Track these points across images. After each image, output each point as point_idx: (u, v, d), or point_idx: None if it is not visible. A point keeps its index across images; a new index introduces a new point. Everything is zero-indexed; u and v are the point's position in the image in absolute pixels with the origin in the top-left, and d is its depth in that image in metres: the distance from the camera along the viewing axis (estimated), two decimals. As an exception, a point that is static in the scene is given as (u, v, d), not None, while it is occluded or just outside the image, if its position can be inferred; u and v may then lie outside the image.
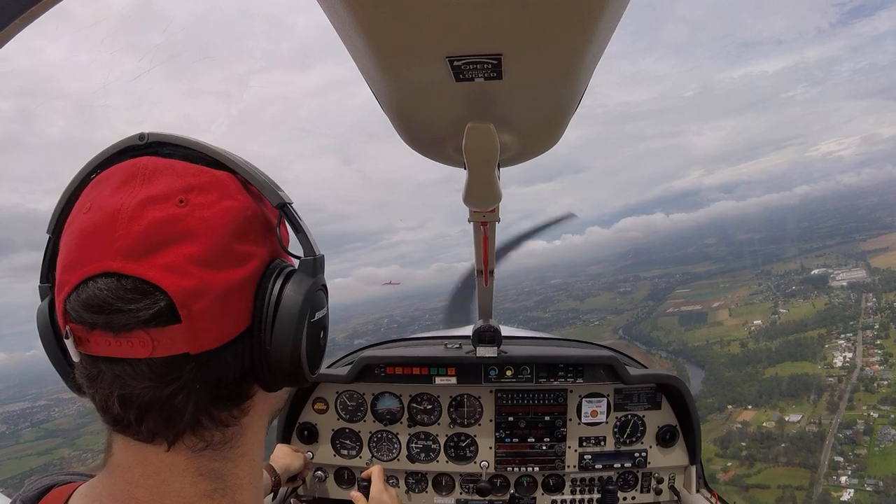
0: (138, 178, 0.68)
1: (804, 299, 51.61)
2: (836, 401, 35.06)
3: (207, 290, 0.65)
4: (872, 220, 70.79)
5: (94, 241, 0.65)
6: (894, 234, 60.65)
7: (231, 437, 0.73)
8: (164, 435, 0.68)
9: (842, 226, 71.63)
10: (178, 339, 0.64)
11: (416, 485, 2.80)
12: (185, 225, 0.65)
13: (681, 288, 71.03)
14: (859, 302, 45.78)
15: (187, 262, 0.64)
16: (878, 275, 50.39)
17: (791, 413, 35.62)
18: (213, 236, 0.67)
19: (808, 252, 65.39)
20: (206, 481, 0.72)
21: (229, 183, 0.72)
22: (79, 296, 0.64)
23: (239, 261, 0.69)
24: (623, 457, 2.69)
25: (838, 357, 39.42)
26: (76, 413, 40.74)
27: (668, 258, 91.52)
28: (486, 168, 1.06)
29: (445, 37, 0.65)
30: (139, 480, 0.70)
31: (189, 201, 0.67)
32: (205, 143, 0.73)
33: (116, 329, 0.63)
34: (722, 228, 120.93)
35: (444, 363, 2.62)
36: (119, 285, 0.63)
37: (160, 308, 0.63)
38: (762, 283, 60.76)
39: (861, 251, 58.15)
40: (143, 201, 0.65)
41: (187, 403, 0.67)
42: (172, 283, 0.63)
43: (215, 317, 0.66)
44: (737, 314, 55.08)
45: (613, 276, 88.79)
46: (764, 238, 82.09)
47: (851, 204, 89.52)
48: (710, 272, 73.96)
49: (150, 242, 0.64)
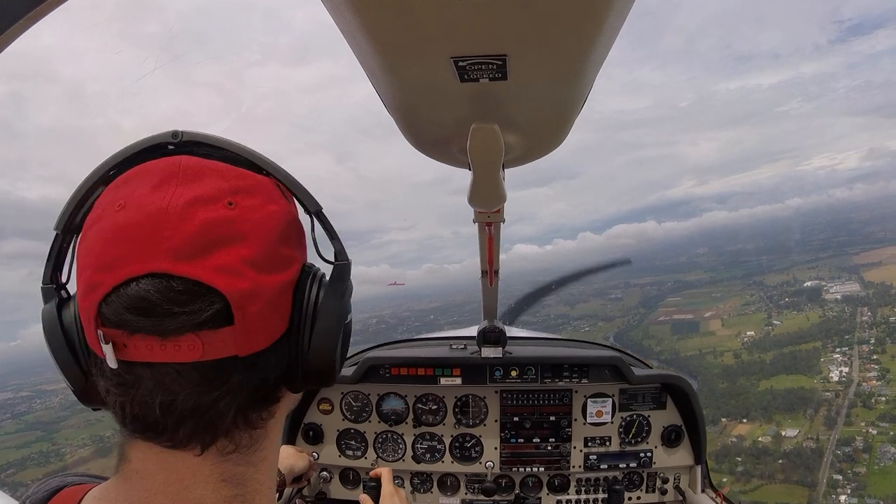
0: (179, 177, 0.66)
1: (798, 311, 51.08)
2: (834, 416, 34.24)
3: (261, 293, 0.65)
4: (865, 234, 70.76)
5: (138, 240, 0.61)
6: (887, 249, 60.68)
7: (257, 439, 0.73)
8: (201, 440, 0.66)
9: (834, 239, 71.72)
10: (229, 341, 0.63)
11: (421, 485, 2.79)
12: (237, 227, 0.65)
13: (672, 296, 70.47)
14: (854, 316, 45.24)
15: (242, 264, 0.63)
16: (871, 289, 50.02)
17: (787, 427, 34.71)
18: (262, 239, 0.67)
19: (800, 264, 65.24)
20: (228, 487, 0.71)
21: (271, 187, 0.73)
22: (120, 297, 0.61)
23: (284, 264, 0.70)
24: (628, 457, 2.69)
25: (834, 371, 38.70)
26: (58, 406, 39.48)
27: (659, 266, 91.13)
28: (491, 169, 1.06)
29: (450, 37, 0.65)
30: (160, 487, 0.68)
31: (238, 203, 0.66)
32: (242, 146, 0.73)
33: (165, 333, 0.60)
34: (713, 238, 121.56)
35: (450, 364, 2.63)
36: (169, 287, 0.60)
37: (215, 310, 0.62)
38: (754, 293, 60.26)
39: (854, 265, 57.98)
40: (191, 201, 0.63)
41: (230, 408, 0.66)
42: (228, 285, 0.62)
43: (265, 319, 0.66)
44: (729, 324, 54.44)
45: (604, 281, 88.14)
46: (756, 249, 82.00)
47: (844, 218, 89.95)
48: (701, 281, 73.51)
49: (202, 243, 0.62)
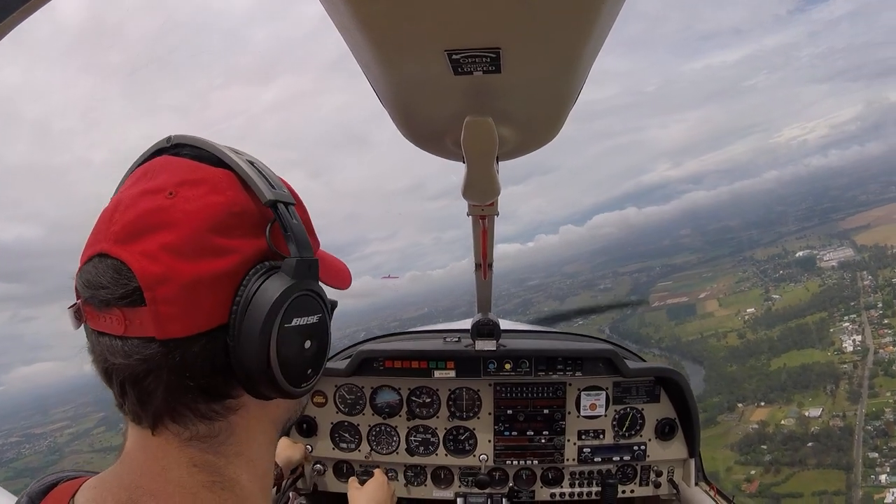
0: (148, 175, 0.74)
1: (795, 283, 49.57)
2: (857, 389, 32.22)
3: (173, 278, 0.67)
4: (847, 199, 70.23)
5: (99, 226, 0.72)
6: (872, 211, 60.06)
7: (218, 431, 0.74)
8: (144, 416, 0.71)
9: (817, 207, 71.09)
10: (146, 322, 0.67)
11: (415, 478, 2.80)
12: (167, 215, 0.69)
13: (662, 281, 68.96)
14: (855, 281, 43.77)
15: (160, 249, 0.67)
16: (866, 252, 48.79)
17: (809, 407, 32.53)
18: (190, 227, 0.69)
19: (787, 235, 64.29)
20: (202, 473, 0.73)
21: (223, 179, 0.74)
22: (81, 273, 0.72)
23: (215, 254, 0.70)
24: (622, 450, 2.69)
25: (847, 341, 36.82)
26: (46, 450, 38.12)
27: (644, 252, 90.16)
28: (485, 162, 1.07)
29: (444, 30, 0.66)
30: (142, 467, 0.72)
31: (178, 194, 0.70)
32: (214, 144, 0.77)
33: (98, 304, 0.69)
34: (696, 219, 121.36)
35: (443, 357, 2.63)
36: (106, 265, 0.69)
37: (129, 289, 0.67)
38: (746, 270, 58.84)
39: (843, 230, 57.05)
40: (139, 193, 0.71)
41: (157, 387, 0.69)
42: (142, 268, 0.67)
43: (180, 305, 0.67)
44: (727, 304, 52.73)
45: (591, 272, 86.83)
46: (739, 225, 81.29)
47: (822, 185, 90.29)
48: (689, 263, 72.11)
49: (136, 229, 0.68)
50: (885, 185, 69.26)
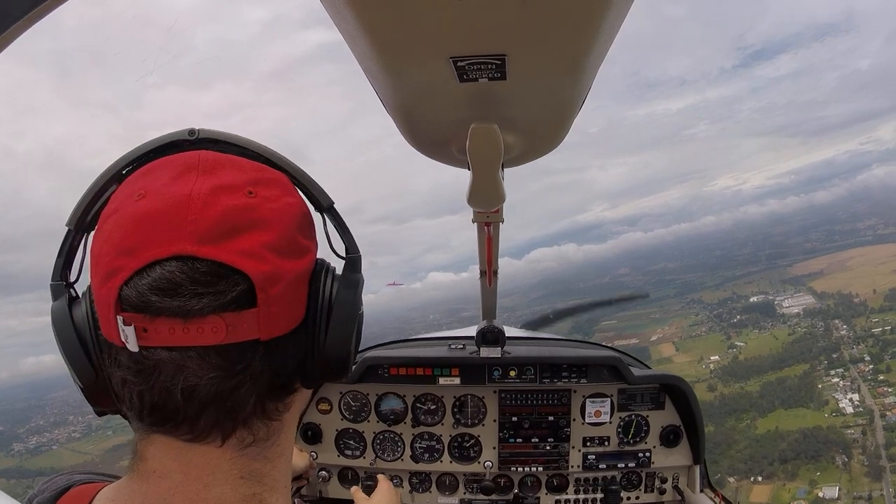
0: (199, 169, 0.68)
1: (759, 329, 45.16)
2: (875, 462, 26.25)
3: (282, 276, 0.67)
4: (791, 245, 70.14)
5: (161, 225, 0.63)
6: (821, 259, 59.11)
7: (273, 432, 0.72)
8: (221, 429, 0.66)
9: (760, 252, 70.22)
10: (252, 324, 0.63)
11: (419, 485, 2.80)
12: (258, 213, 0.67)
13: (606, 320, 63.51)
14: (829, 331, 39.66)
15: (263, 248, 0.65)
16: (830, 299, 45.71)
17: (822, 485, 26.04)
18: (282, 226, 0.69)
19: (733, 280, 61.71)
20: (247, 485, 0.70)
21: (286, 181, 0.75)
22: (143, 280, 0.61)
23: (301, 253, 0.72)
24: (627, 457, 2.68)
25: (843, 400, 31.55)
26: None
27: (582, 288, 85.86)
28: (490, 169, 1.07)
29: (449, 37, 0.66)
30: (178, 487, 0.67)
31: (257, 193, 0.68)
32: (256, 143, 0.75)
33: (188, 314, 0.60)
34: (634, 258, 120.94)
35: (448, 364, 2.62)
36: (194, 268, 0.61)
37: (239, 291, 0.63)
38: (699, 313, 54.56)
39: (794, 276, 54.96)
40: (214, 188, 0.65)
41: (251, 394, 0.66)
42: (252, 267, 0.63)
43: (286, 303, 0.68)
44: (684, 348, 47.40)
45: (528, 307, 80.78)
46: (679, 267, 79.40)
47: (762, 232, 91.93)
48: (633, 303, 67.65)
49: (225, 227, 0.64)
50: (828, 234, 69.85)
